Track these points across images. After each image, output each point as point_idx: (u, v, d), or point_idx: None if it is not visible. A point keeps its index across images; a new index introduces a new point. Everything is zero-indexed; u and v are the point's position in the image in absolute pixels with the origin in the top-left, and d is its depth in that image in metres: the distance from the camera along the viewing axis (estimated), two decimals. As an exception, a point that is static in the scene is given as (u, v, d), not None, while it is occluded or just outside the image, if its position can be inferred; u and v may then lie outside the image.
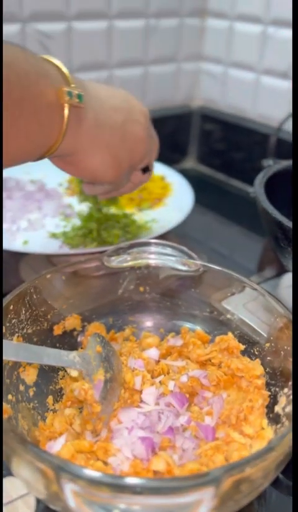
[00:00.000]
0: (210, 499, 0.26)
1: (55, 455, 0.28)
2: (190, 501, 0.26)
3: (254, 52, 0.93)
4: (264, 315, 0.45)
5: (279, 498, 0.42)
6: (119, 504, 0.26)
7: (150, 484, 0.26)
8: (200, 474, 0.26)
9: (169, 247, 0.48)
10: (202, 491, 0.26)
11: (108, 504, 0.26)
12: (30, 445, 0.28)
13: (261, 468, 0.28)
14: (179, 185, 0.82)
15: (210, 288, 0.49)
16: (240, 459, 0.29)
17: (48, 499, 0.30)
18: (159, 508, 0.26)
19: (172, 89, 1.04)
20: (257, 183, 0.61)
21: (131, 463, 0.35)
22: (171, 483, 0.26)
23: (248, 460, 0.27)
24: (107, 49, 0.92)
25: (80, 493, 0.26)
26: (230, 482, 0.26)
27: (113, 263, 0.48)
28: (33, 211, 0.75)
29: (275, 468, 0.32)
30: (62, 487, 0.26)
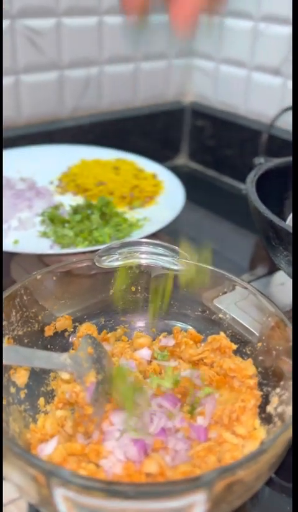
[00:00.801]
0: (202, 503, 0.26)
1: (46, 460, 0.27)
2: (183, 505, 0.26)
3: (245, 49, 0.92)
4: (255, 314, 0.45)
5: (271, 497, 0.42)
6: (110, 509, 0.26)
7: (142, 489, 0.26)
8: (192, 478, 0.26)
9: (161, 247, 0.48)
10: (194, 494, 0.26)
11: (100, 509, 0.26)
12: (20, 450, 0.27)
13: (253, 471, 0.28)
14: (170, 182, 0.81)
15: (202, 287, 0.49)
16: (232, 461, 0.29)
17: (40, 504, 0.30)
18: None
19: (164, 85, 1.04)
20: (249, 181, 0.61)
21: (123, 465, 0.35)
22: (163, 487, 0.26)
23: (241, 463, 0.27)
24: (98, 46, 0.91)
25: (71, 498, 0.26)
26: (223, 485, 0.26)
27: (104, 262, 0.47)
28: (23, 210, 0.74)
29: (268, 470, 0.32)
30: (52, 492, 0.26)
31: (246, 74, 0.94)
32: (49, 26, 0.85)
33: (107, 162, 0.86)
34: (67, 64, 0.90)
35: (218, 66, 0.99)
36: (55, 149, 0.89)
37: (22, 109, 0.88)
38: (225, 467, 0.26)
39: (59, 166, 0.86)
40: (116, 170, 0.84)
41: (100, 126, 0.96)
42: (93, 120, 0.95)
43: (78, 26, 0.87)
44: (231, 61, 0.96)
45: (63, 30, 0.86)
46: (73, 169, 0.85)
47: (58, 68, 0.89)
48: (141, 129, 1.01)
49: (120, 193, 0.78)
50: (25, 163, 0.84)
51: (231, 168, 1.00)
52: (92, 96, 0.95)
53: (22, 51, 0.84)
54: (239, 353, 0.45)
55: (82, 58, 0.91)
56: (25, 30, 0.83)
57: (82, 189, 0.79)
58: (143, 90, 1.01)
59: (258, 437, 0.38)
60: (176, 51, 1.01)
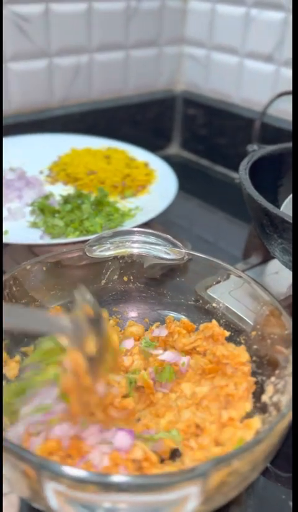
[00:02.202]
0: (197, 494, 0.25)
1: (36, 454, 0.27)
2: (178, 497, 0.25)
3: (237, 35, 0.91)
4: (250, 303, 0.44)
5: (266, 486, 0.41)
6: (104, 502, 0.25)
7: (135, 481, 0.25)
8: (186, 469, 0.25)
9: (153, 236, 0.47)
10: (189, 486, 0.25)
11: (93, 502, 0.26)
12: (9, 443, 0.27)
13: (249, 461, 0.27)
14: (162, 171, 0.80)
15: (195, 276, 0.48)
16: (227, 452, 0.29)
17: (31, 499, 0.29)
18: (145, 505, 0.26)
19: (155, 74, 1.02)
20: (242, 168, 0.60)
21: (110, 456, 0.34)
22: (157, 479, 0.25)
23: (236, 453, 0.26)
24: (87, 33, 0.90)
25: (63, 492, 0.25)
26: (218, 476, 0.25)
27: (95, 252, 0.46)
28: (13, 200, 0.73)
29: (264, 460, 0.31)
30: (43, 486, 0.25)
31: (237, 61, 0.93)
32: (38, 13, 0.83)
33: (98, 151, 0.85)
34: (56, 52, 0.88)
35: (210, 53, 0.98)
36: (45, 138, 0.87)
37: (11, 98, 0.87)
38: (220, 457, 0.26)
39: (49, 155, 0.84)
40: (107, 159, 0.83)
41: (90, 115, 0.94)
42: (83, 109, 0.94)
43: (67, 12, 0.86)
44: (223, 48, 0.95)
45: (51, 17, 0.85)
46: (63, 158, 0.83)
47: (47, 56, 0.87)
48: (132, 118, 0.99)
49: (112, 182, 0.77)
50: (15, 152, 0.83)
51: (223, 157, 0.99)
52: (82, 84, 0.94)
53: (10, 38, 0.82)
54: (233, 342, 0.44)
55: (71, 46, 0.89)
56: (13, 16, 0.81)
57: (73, 178, 0.78)
58: (134, 78, 1.00)
59: (253, 427, 0.37)
60: (166, 39, 1.00)
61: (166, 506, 0.25)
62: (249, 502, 0.39)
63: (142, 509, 0.26)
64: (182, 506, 0.26)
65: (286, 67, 0.85)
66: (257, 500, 0.40)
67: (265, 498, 0.40)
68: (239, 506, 0.39)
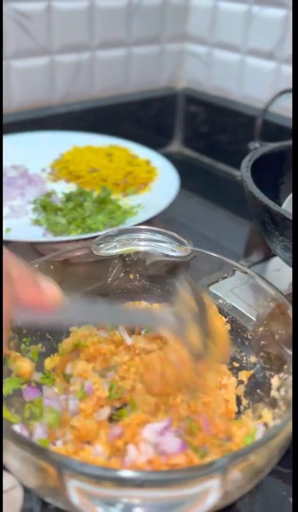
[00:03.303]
0: (217, 489, 0.25)
1: (56, 452, 0.27)
2: (197, 492, 0.25)
3: (239, 33, 0.91)
4: (256, 299, 0.45)
5: (268, 482, 0.41)
6: (126, 498, 0.26)
7: (156, 477, 0.25)
8: (205, 464, 0.26)
9: (159, 233, 0.47)
10: (208, 481, 0.25)
11: (115, 498, 0.26)
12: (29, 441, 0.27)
13: (265, 455, 0.28)
14: (164, 169, 0.80)
15: (201, 273, 0.48)
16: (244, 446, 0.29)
17: (47, 495, 0.29)
18: (166, 500, 0.26)
19: (156, 71, 1.02)
20: (244, 166, 0.60)
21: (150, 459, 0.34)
22: (177, 474, 0.25)
23: (252, 448, 0.27)
24: (89, 30, 0.89)
25: (84, 489, 0.25)
26: (235, 470, 0.26)
27: (102, 250, 0.46)
28: (15, 198, 0.73)
29: (278, 453, 0.31)
30: (65, 484, 0.25)
31: (239, 58, 0.93)
32: (39, 10, 0.83)
33: (100, 149, 0.85)
34: (57, 49, 0.88)
35: (211, 51, 0.98)
36: (47, 136, 0.87)
37: (13, 95, 0.87)
38: (237, 452, 0.26)
39: (51, 153, 0.84)
40: (109, 156, 0.83)
41: (91, 113, 0.94)
42: (84, 106, 0.94)
43: (69, 10, 0.86)
44: (225, 45, 0.95)
45: (53, 14, 0.84)
46: (65, 156, 0.83)
47: (48, 53, 0.87)
48: (134, 115, 0.99)
49: (114, 179, 0.77)
50: (16, 150, 0.83)
51: (225, 155, 0.99)
52: (84, 82, 0.94)
53: (12, 35, 0.82)
54: (240, 338, 0.44)
55: (73, 43, 0.89)
56: (15, 13, 0.81)
57: (75, 176, 0.78)
58: (135, 75, 1.00)
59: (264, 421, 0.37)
60: (168, 36, 1.00)
61: (188, 500, 0.26)
62: (250, 498, 0.40)
63: (163, 504, 0.26)
64: (203, 500, 0.26)
65: (287, 64, 0.85)
66: (258, 496, 0.40)
67: (266, 494, 0.40)
68: (240, 501, 0.39)
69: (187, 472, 0.25)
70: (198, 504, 0.26)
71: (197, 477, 0.25)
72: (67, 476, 0.25)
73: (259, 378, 0.42)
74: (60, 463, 0.25)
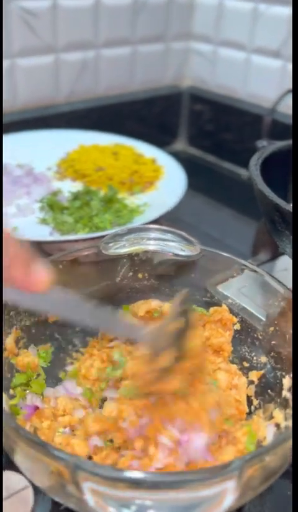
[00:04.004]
0: (233, 490, 0.25)
1: (70, 453, 0.26)
2: (214, 493, 0.25)
3: (244, 31, 0.91)
4: (266, 299, 0.44)
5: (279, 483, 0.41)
6: (143, 500, 0.25)
7: (173, 478, 0.25)
8: (221, 465, 0.25)
9: (169, 232, 0.47)
10: (225, 482, 0.25)
11: (131, 500, 0.25)
12: (42, 442, 0.26)
13: (279, 456, 0.27)
14: (170, 167, 0.80)
15: (210, 273, 0.48)
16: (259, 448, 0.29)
17: (60, 495, 0.29)
18: (184, 502, 0.26)
19: (161, 69, 1.02)
20: (252, 164, 0.60)
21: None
22: (195, 475, 0.25)
23: (268, 449, 0.26)
24: (94, 28, 0.89)
25: (98, 491, 0.25)
26: (251, 471, 0.26)
27: (111, 250, 0.46)
28: (21, 197, 0.73)
29: (292, 453, 0.31)
30: (79, 485, 0.25)
31: (245, 56, 0.93)
32: (45, 8, 0.83)
33: (106, 147, 0.85)
34: (63, 47, 0.88)
35: (217, 49, 0.98)
36: (51, 134, 0.87)
37: (17, 93, 0.87)
38: (253, 453, 0.26)
39: (56, 152, 0.84)
40: (115, 155, 0.82)
41: (96, 111, 0.94)
42: (89, 105, 0.93)
43: (74, 7, 0.85)
44: (230, 44, 0.94)
45: (58, 12, 0.84)
46: (71, 155, 0.83)
47: (53, 51, 0.87)
48: (138, 114, 0.99)
49: (120, 178, 0.77)
50: (22, 149, 0.82)
51: (230, 153, 0.98)
52: (89, 80, 0.93)
53: (17, 33, 0.82)
54: (250, 338, 0.44)
55: (78, 41, 0.88)
56: (20, 11, 0.80)
57: (81, 175, 0.78)
58: (140, 74, 0.99)
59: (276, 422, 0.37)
60: (173, 34, 0.99)
61: (204, 502, 0.25)
62: (260, 499, 0.39)
63: (179, 506, 0.26)
64: (220, 502, 0.26)
65: (294, 62, 0.85)
66: (261, 495, 0.39)
67: (269, 493, 0.40)
68: (249, 502, 0.39)
69: (203, 473, 0.25)
70: (215, 506, 0.26)
71: (213, 478, 0.25)
72: (82, 477, 0.25)
73: (270, 378, 0.42)
74: (74, 465, 0.25)
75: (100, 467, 0.25)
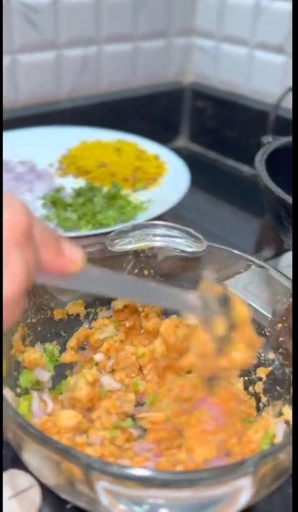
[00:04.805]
0: (249, 487, 0.25)
1: (83, 453, 0.26)
2: (230, 491, 0.25)
3: (247, 26, 0.90)
4: (273, 294, 0.44)
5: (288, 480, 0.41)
6: (155, 499, 0.25)
7: (190, 476, 0.24)
8: (236, 463, 0.25)
9: (175, 229, 0.46)
10: (241, 479, 0.25)
11: (147, 499, 0.25)
12: (54, 442, 0.26)
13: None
14: (173, 163, 0.80)
15: (216, 269, 0.48)
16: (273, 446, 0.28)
17: (69, 494, 0.29)
18: (202, 499, 0.25)
19: (163, 65, 1.01)
20: (258, 160, 0.59)
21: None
22: (210, 473, 0.25)
23: (282, 446, 0.26)
24: (95, 24, 0.89)
25: (111, 490, 0.25)
26: (265, 469, 0.25)
27: (117, 246, 0.46)
28: (24, 193, 0.72)
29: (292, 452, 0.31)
30: (91, 484, 0.25)
31: (247, 52, 0.92)
32: (46, 4, 0.82)
33: (108, 144, 0.84)
34: (64, 43, 0.87)
35: (219, 45, 0.97)
36: (53, 131, 0.87)
37: (19, 90, 0.86)
38: (268, 451, 0.26)
39: (58, 148, 0.83)
40: (118, 151, 0.82)
41: (98, 108, 0.93)
42: (91, 101, 0.93)
43: (76, 3, 0.85)
44: (233, 39, 0.94)
45: (60, 8, 0.83)
46: (73, 151, 0.83)
47: (55, 47, 0.86)
48: (140, 110, 0.98)
49: (123, 174, 0.77)
50: (24, 145, 0.82)
51: (233, 150, 0.98)
52: (90, 76, 0.93)
53: (18, 29, 0.81)
54: (259, 335, 0.44)
55: (80, 37, 0.88)
56: (21, 7, 0.80)
57: (84, 171, 0.78)
58: (142, 70, 0.99)
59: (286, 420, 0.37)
60: (175, 30, 0.99)
61: (220, 500, 0.25)
62: (269, 496, 0.39)
63: (195, 504, 0.25)
64: (236, 499, 0.25)
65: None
66: (277, 493, 0.39)
67: (284, 491, 0.40)
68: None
69: (218, 471, 0.25)
70: (230, 505, 0.25)
71: (228, 476, 0.24)
72: (95, 477, 0.25)
73: (278, 375, 0.41)
74: (87, 464, 0.25)
75: (113, 466, 0.25)
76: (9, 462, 0.39)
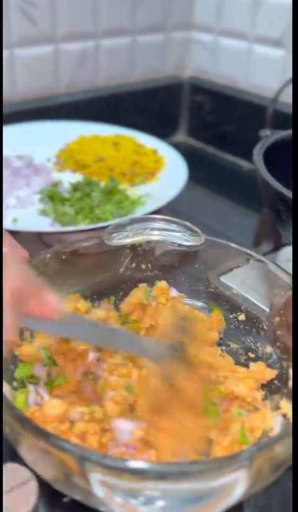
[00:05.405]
0: (244, 480, 0.25)
1: (78, 444, 0.26)
2: (225, 483, 0.25)
3: (246, 20, 0.90)
4: (271, 288, 0.44)
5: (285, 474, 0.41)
6: (150, 491, 0.25)
7: (183, 468, 0.24)
8: (231, 455, 0.25)
9: (172, 223, 0.46)
10: (236, 472, 0.25)
11: (139, 491, 0.25)
12: (49, 435, 0.26)
13: (289, 446, 0.27)
14: (171, 158, 0.79)
15: (214, 263, 0.48)
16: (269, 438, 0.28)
17: (66, 487, 0.29)
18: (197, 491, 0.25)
19: (162, 59, 1.01)
20: (256, 153, 0.59)
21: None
22: (205, 466, 0.25)
23: (278, 439, 0.26)
24: (93, 18, 0.88)
25: (107, 482, 0.25)
26: (261, 461, 0.25)
27: (114, 240, 0.46)
28: (21, 188, 0.72)
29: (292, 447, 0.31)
30: (86, 476, 0.25)
31: (246, 46, 0.92)
32: (44, -3, 0.81)
33: (106, 138, 0.84)
34: (62, 37, 0.86)
35: (218, 39, 0.97)
36: (51, 125, 0.86)
37: (17, 84, 0.86)
38: (263, 443, 0.26)
39: (56, 142, 0.83)
40: (115, 145, 0.82)
41: (96, 102, 0.93)
42: (89, 96, 0.93)
43: (73, -4, 0.84)
44: (231, 33, 0.93)
45: (57, 2, 0.83)
46: (71, 145, 0.82)
47: (53, 41, 0.86)
48: (138, 105, 0.98)
49: (120, 169, 0.76)
50: (21, 140, 0.82)
51: (231, 145, 0.97)
52: (88, 70, 0.92)
53: (16, 23, 0.81)
54: (256, 329, 0.44)
55: (77, 31, 0.87)
56: (19, 1, 0.79)
57: (81, 165, 0.77)
58: (141, 64, 0.98)
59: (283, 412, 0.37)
60: (174, 24, 0.98)
61: (215, 492, 0.25)
62: (266, 489, 0.39)
63: (190, 496, 0.25)
64: (231, 492, 0.25)
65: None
66: (274, 487, 0.39)
67: (281, 485, 0.40)
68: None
69: (213, 463, 0.25)
70: (224, 497, 0.25)
71: (223, 468, 0.24)
72: (89, 469, 0.25)
73: (275, 369, 0.41)
74: (81, 456, 0.25)
75: (108, 458, 0.25)
76: (7, 457, 0.39)
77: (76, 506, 0.34)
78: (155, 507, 0.26)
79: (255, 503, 0.37)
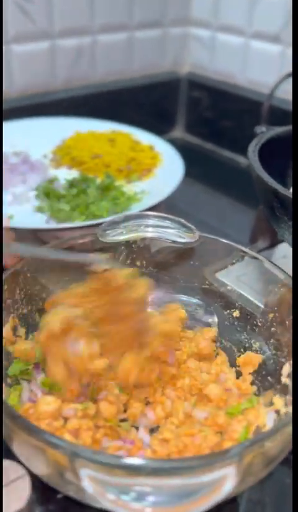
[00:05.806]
0: (233, 476, 0.25)
1: (69, 441, 0.26)
2: (213, 479, 0.25)
3: (243, 15, 0.89)
4: (266, 285, 0.44)
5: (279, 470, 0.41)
6: (141, 486, 0.25)
7: (173, 464, 0.25)
8: (220, 451, 0.25)
9: (167, 219, 0.46)
10: (224, 468, 0.25)
11: (130, 487, 0.25)
12: (41, 431, 0.26)
13: (279, 442, 0.27)
14: (167, 154, 0.79)
15: (209, 260, 0.48)
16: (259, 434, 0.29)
17: (58, 483, 0.29)
18: (184, 488, 0.25)
19: (159, 55, 1.01)
20: (251, 150, 0.59)
21: None
22: (194, 462, 0.25)
23: (268, 435, 0.26)
24: (90, 13, 0.88)
25: (98, 478, 0.25)
26: (251, 457, 0.25)
27: (108, 237, 0.46)
28: (17, 185, 0.72)
29: (291, 442, 0.31)
30: (77, 473, 0.25)
31: (243, 42, 0.91)
32: (40, -8, 0.81)
33: (102, 134, 0.84)
34: (59, 33, 0.86)
35: (215, 34, 0.96)
36: (48, 122, 0.86)
37: (13, 80, 0.85)
38: (253, 439, 0.26)
39: (52, 139, 0.83)
40: (112, 142, 0.82)
41: (93, 98, 0.93)
42: (86, 92, 0.92)
43: (69, -8, 0.84)
44: (228, 29, 0.93)
45: (53, -4, 0.83)
46: (67, 142, 0.82)
47: (49, 37, 0.86)
48: (136, 101, 0.98)
49: (117, 165, 0.76)
50: (18, 136, 0.81)
51: (229, 141, 0.97)
52: (85, 66, 0.92)
53: (12, 19, 0.80)
54: (250, 325, 0.44)
55: (74, 27, 0.87)
56: (15, -4, 0.79)
57: (78, 162, 0.77)
58: (138, 60, 0.98)
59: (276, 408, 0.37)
60: (171, 19, 0.98)
61: (203, 488, 0.25)
62: (260, 485, 0.39)
63: (180, 491, 0.26)
64: (219, 488, 0.25)
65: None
66: (261, 482, 0.39)
67: (269, 480, 0.40)
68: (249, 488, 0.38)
69: (203, 459, 0.25)
70: (214, 492, 0.25)
71: (213, 464, 0.24)
72: (80, 465, 0.25)
73: (269, 365, 0.41)
74: (72, 452, 0.25)
75: (98, 454, 0.25)
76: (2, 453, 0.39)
77: (70, 502, 0.34)
78: (146, 503, 0.26)
79: (249, 497, 0.38)
